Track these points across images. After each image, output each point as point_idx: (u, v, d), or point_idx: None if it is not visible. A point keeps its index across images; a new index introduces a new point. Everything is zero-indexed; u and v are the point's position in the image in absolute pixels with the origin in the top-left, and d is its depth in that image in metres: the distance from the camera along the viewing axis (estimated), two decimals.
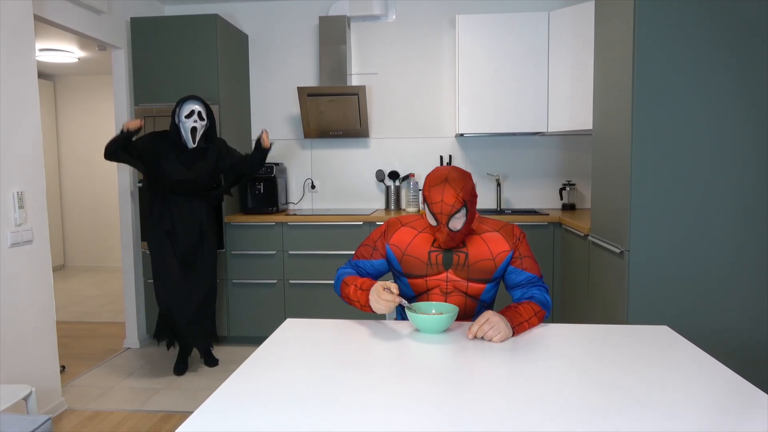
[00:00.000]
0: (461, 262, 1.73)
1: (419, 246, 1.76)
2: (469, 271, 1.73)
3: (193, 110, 3.10)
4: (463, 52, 3.80)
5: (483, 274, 1.74)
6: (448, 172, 1.66)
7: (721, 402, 1.12)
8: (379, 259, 1.83)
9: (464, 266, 1.73)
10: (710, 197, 2.35)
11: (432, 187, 1.65)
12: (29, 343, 2.71)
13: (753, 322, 2.38)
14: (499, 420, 1.04)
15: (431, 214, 1.67)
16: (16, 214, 2.62)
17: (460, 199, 1.61)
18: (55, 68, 6.45)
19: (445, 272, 1.74)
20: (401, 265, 1.78)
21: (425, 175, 4.28)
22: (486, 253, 1.74)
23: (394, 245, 1.79)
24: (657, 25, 2.31)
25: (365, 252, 1.85)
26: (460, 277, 1.74)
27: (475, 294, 1.75)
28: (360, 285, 1.69)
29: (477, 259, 1.73)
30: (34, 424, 1.74)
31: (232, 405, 1.12)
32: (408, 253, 1.76)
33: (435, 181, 1.65)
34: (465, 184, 1.64)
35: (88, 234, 7.05)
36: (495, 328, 1.50)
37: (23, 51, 2.69)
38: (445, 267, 1.74)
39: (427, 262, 1.74)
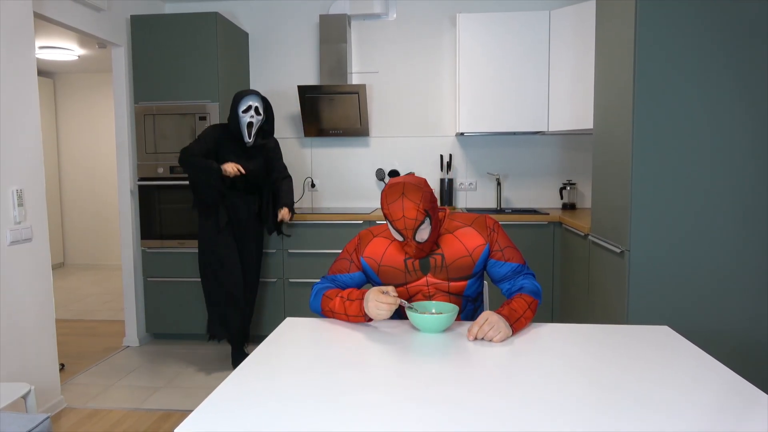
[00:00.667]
0: (438, 264, 1.71)
1: (394, 255, 1.73)
2: (448, 272, 1.71)
3: (251, 105, 3.14)
4: (463, 51, 3.80)
5: (462, 271, 1.72)
6: (403, 186, 1.60)
7: (721, 402, 1.12)
8: (356, 271, 1.80)
9: (442, 267, 1.71)
10: (711, 197, 2.35)
11: (390, 204, 1.59)
12: (28, 341, 2.71)
13: (753, 322, 2.38)
14: (498, 420, 1.04)
15: (395, 231, 1.63)
16: (15, 212, 2.62)
17: (421, 211, 1.58)
18: (55, 66, 6.44)
19: (425, 277, 1.72)
20: (379, 276, 1.76)
21: (426, 174, 4.27)
22: (462, 251, 1.71)
23: (369, 257, 1.76)
24: (658, 24, 2.31)
25: (343, 266, 1.81)
26: (440, 279, 1.72)
27: (458, 292, 1.74)
28: (347, 296, 1.66)
29: (454, 258, 1.71)
30: (33, 423, 1.74)
31: (231, 404, 1.12)
32: (384, 264, 1.74)
33: (392, 197, 1.60)
34: (423, 194, 1.60)
35: (88, 232, 7.04)
36: (495, 328, 1.50)
37: (23, 48, 2.68)
38: (423, 272, 1.72)
39: (405, 269, 1.72)
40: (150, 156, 3.84)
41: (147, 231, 3.88)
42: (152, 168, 3.84)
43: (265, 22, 4.31)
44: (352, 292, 1.66)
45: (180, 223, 3.84)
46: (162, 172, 3.83)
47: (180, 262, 3.87)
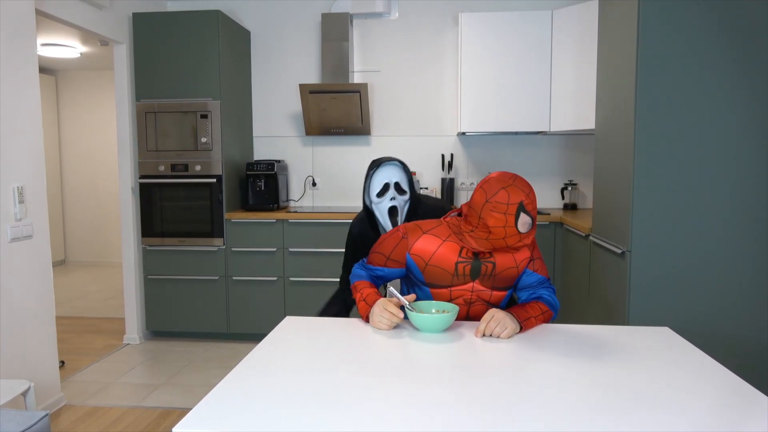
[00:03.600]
0: (488, 272, 1.68)
1: (445, 256, 1.67)
2: (494, 281, 1.69)
3: (388, 183, 2.07)
4: (465, 50, 3.79)
5: (507, 282, 1.71)
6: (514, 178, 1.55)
7: (721, 404, 1.11)
8: (395, 268, 1.74)
9: (491, 276, 1.68)
10: (713, 198, 2.34)
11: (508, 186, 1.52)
12: (28, 338, 2.71)
13: (754, 325, 2.37)
14: (498, 420, 1.04)
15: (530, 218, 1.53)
16: (16, 208, 2.62)
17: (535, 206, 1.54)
18: (57, 63, 6.44)
19: (472, 282, 1.69)
20: (424, 275, 1.71)
21: (426, 173, 4.27)
22: (511, 261, 1.69)
23: (416, 255, 1.69)
24: (660, 24, 2.30)
25: (377, 259, 1.77)
26: (486, 287, 1.70)
27: (497, 301, 1.73)
28: (365, 296, 1.68)
29: (503, 268, 1.68)
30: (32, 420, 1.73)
31: (231, 402, 1.12)
32: (432, 264, 1.68)
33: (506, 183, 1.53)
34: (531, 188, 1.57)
35: (89, 229, 7.05)
36: (501, 324, 1.51)
37: (25, 45, 2.68)
38: (472, 277, 1.68)
39: (454, 273, 1.68)
40: (151, 153, 3.84)
41: (148, 229, 3.88)
42: (153, 165, 3.84)
43: (267, 20, 4.30)
44: (369, 294, 1.68)
45: (181, 220, 3.84)
46: (163, 169, 3.83)
47: (181, 260, 3.87)
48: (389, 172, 2.06)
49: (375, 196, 2.08)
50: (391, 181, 2.07)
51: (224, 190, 3.83)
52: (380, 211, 2.10)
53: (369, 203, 2.11)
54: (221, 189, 3.81)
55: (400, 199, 2.08)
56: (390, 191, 2.07)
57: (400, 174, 2.07)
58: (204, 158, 3.80)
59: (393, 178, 2.07)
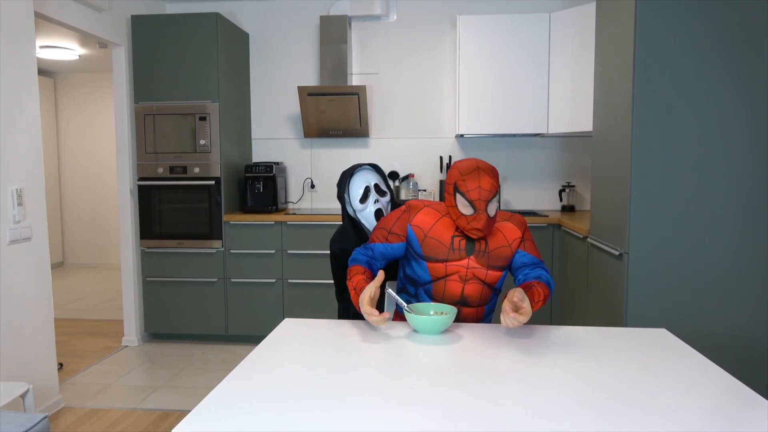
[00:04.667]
0: (482, 249, 1.73)
1: (443, 229, 1.74)
2: (489, 258, 1.74)
3: (368, 187, 2.05)
4: (463, 52, 3.80)
5: (501, 261, 1.75)
6: (477, 162, 1.70)
7: (719, 406, 1.12)
8: (396, 242, 1.78)
9: (485, 253, 1.73)
10: (710, 200, 2.35)
11: (466, 175, 1.67)
12: (27, 341, 2.71)
13: (752, 326, 2.38)
14: (496, 421, 1.04)
15: (468, 203, 1.66)
16: (14, 211, 2.62)
17: (495, 184, 1.66)
18: (56, 65, 6.44)
19: (467, 258, 1.73)
20: (422, 248, 1.75)
21: (424, 175, 4.28)
22: (503, 240, 1.76)
23: (417, 226, 1.76)
24: (658, 27, 2.31)
25: (379, 235, 1.82)
26: (481, 265, 1.74)
27: (492, 282, 1.77)
28: (355, 286, 1.69)
29: (496, 246, 1.74)
30: (31, 422, 1.74)
31: (229, 404, 1.12)
32: (430, 236, 1.74)
33: (467, 170, 1.68)
34: (495, 171, 1.70)
35: (88, 231, 7.04)
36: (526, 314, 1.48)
37: (23, 48, 2.68)
38: (467, 253, 1.73)
39: (450, 246, 1.73)
40: (150, 156, 3.84)
41: (146, 231, 3.88)
42: (152, 168, 3.84)
43: (265, 23, 4.31)
44: (359, 282, 1.69)
45: (179, 223, 3.85)
46: (162, 172, 3.84)
47: (179, 262, 3.88)
48: (365, 176, 2.06)
49: (358, 203, 2.05)
50: (371, 184, 2.06)
51: (223, 192, 3.83)
52: (366, 218, 2.07)
53: (353, 213, 2.08)
54: (220, 191, 3.82)
55: (383, 201, 2.08)
56: (372, 194, 2.06)
57: (376, 176, 2.08)
58: (203, 160, 3.81)
59: (371, 181, 2.07)
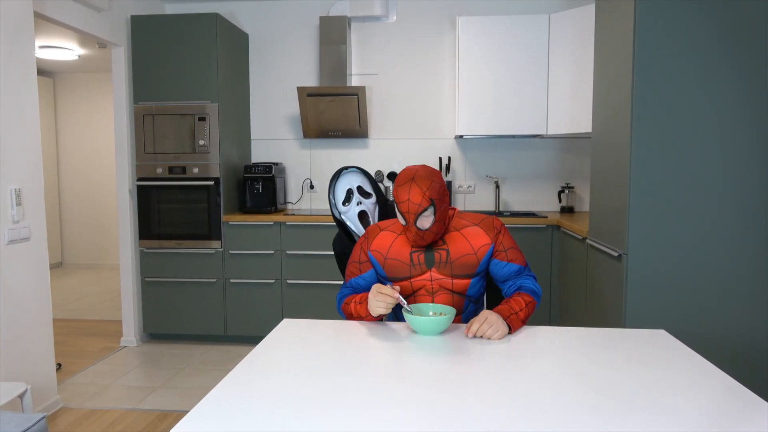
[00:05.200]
0: (443, 259, 1.72)
1: (400, 248, 1.74)
2: (452, 268, 1.72)
3: (350, 189, 2.06)
4: (463, 53, 3.80)
5: (466, 269, 1.72)
6: (415, 171, 1.65)
7: (718, 407, 1.12)
8: (367, 270, 1.82)
9: (447, 263, 1.72)
10: (709, 201, 2.35)
11: (399, 186, 1.64)
12: (25, 341, 2.71)
13: (751, 327, 2.38)
14: (495, 422, 1.04)
15: (400, 214, 1.66)
16: (13, 211, 2.62)
17: (426, 198, 1.61)
18: (55, 65, 6.44)
19: (429, 271, 1.73)
20: (385, 270, 1.77)
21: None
22: (467, 248, 1.72)
23: (376, 251, 1.78)
24: (657, 28, 2.31)
25: (353, 269, 1.84)
26: (444, 275, 1.72)
27: (461, 290, 1.74)
28: (359, 300, 1.71)
29: (459, 255, 1.72)
30: (29, 422, 1.73)
31: (228, 405, 1.12)
32: (390, 257, 1.75)
33: (402, 180, 1.64)
34: (432, 183, 1.63)
35: (86, 232, 7.04)
36: (493, 327, 1.53)
37: (23, 48, 2.68)
38: (428, 266, 1.72)
39: (410, 263, 1.73)
40: (149, 156, 3.84)
41: (145, 231, 3.88)
42: (151, 168, 3.84)
43: (265, 24, 4.31)
44: (363, 296, 1.71)
45: (178, 223, 3.84)
46: (161, 172, 3.83)
47: (178, 263, 3.87)
48: (348, 179, 2.07)
49: (341, 205, 2.06)
50: (353, 186, 2.06)
51: (222, 192, 3.83)
52: (351, 220, 2.08)
53: (339, 216, 2.09)
54: (219, 191, 3.82)
55: (367, 203, 2.07)
56: (354, 196, 2.06)
57: (361, 178, 2.07)
58: (202, 161, 3.81)
59: (354, 183, 2.07)
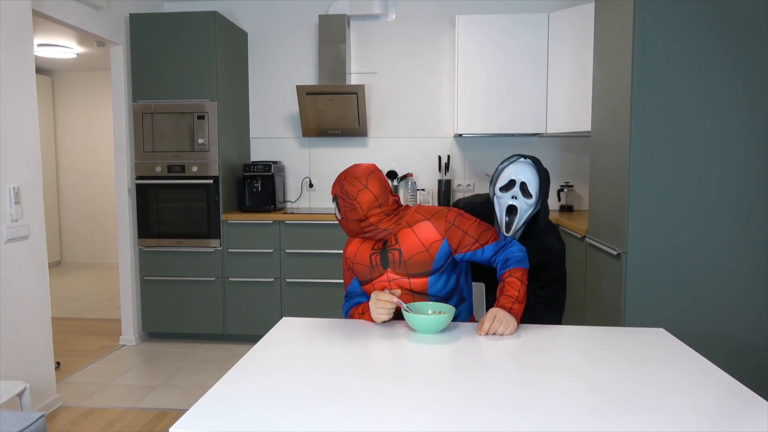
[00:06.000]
0: (396, 259, 1.72)
1: (363, 252, 1.78)
2: (406, 267, 1.71)
3: (513, 180, 1.88)
4: (462, 52, 3.80)
5: (421, 267, 1.70)
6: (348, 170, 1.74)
7: (717, 406, 1.12)
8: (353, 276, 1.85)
9: (400, 263, 1.71)
10: (708, 200, 2.35)
11: None
12: (24, 340, 2.70)
13: (750, 326, 2.38)
14: (494, 421, 1.04)
15: None
16: (12, 209, 2.62)
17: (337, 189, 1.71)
18: (54, 64, 6.43)
19: (386, 272, 1.74)
20: (355, 274, 1.81)
21: (423, 175, 4.28)
22: (418, 246, 1.69)
23: (348, 258, 1.83)
24: (656, 26, 2.31)
25: (346, 277, 1.88)
26: (400, 275, 1.72)
27: (420, 289, 1.72)
28: (361, 311, 1.75)
29: (411, 254, 1.70)
30: (28, 421, 1.73)
31: (227, 404, 1.12)
32: (356, 261, 1.79)
33: None
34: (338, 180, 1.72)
35: (85, 230, 7.03)
36: (504, 323, 1.57)
37: (21, 46, 2.68)
38: (383, 266, 1.73)
39: (370, 265, 1.76)
40: (148, 155, 3.84)
41: (144, 230, 3.87)
42: (150, 167, 3.84)
43: (264, 22, 4.31)
44: (364, 306, 1.75)
45: (177, 222, 3.84)
46: (160, 170, 3.83)
47: (177, 261, 3.87)
48: (519, 169, 1.87)
49: (498, 189, 1.90)
50: (518, 179, 1.87)
51: (221, 191, 3.83)
52: (500, 206, 1.91)
53: (492, 194, 1.94)
54: (218, 190, 3.81)
55: (523, 202, 1.87)
56: (514, 189, 1.87)
57: (532, 176, 1.87)
58: (201, 159, 3.80)
59: (520, 177, 1.87)
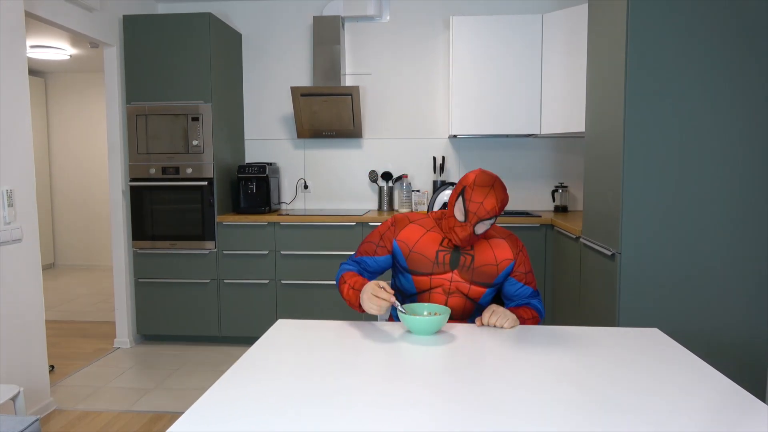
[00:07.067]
0: (467, 264, 1.75)
1: (427, 244, 1.77)
2: (473, 274, 1.75)
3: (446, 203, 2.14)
4: (456, 53, 3.81)
5: (486, 278, 1.76)
6: (495, 179, 1.68)
7: (711, 406, 1.12)
8: (384, 255, 1.82)
9: (469, 268, 1.75)
10: (702, 200, 2.37)
11: (478, 186, 1.66)
12: (18, 343, 2.69)
13: (744, 325, 2.39)
14: (489, 421, 1.04)
15: (464, 211, 1.68)
16: (5, 212, 2.60)
17: (497, 209, 1.66)
18: (47, 65, 6.40)
19: (451, 272, 1.76)
20: (407, 262, 1.79)
21: (418, 176, 4.28)
22: (491, 258, 1.77)
23: (402, 241, 1.79)
24: (650, 27, 2.32)
25: (368, 248, 1.85)
26: (464, 279, 1.76)
27: (475, 297, 1.78)
28: (353, 284, 1.69)
29: (482, 263, 1.76)
30: (22, 425, 1.72)
31: (223, 406, 1.12)
32: (415, 250, 1.77)
33: (482, 183, 1.67)
34: (505, 197, 1.68)
35: (79, 232, 7.00)
36: (503, 317, 1.61)
37: (14, 48, 2.66)
38: (451, 267, 1.75)
39: (435, 260, 1.76)
40: (142, 156, 3.82)
41: (138, 232, 3.86)
42: (144, 169, 3.83)
43: (258, 23, 4.30)
44: (357, 281, 1.69)
45: (172, 224, 3.83)
46: (154, 172, 3.82)
47: (172, 263, 3.86)
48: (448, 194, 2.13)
49: None
50: None
51: (215, 193, 3.82)
52: None
53: None
54: (212, 192, 3.80)
55: None
56: None
57: None
58: (195, 161, 3.79)
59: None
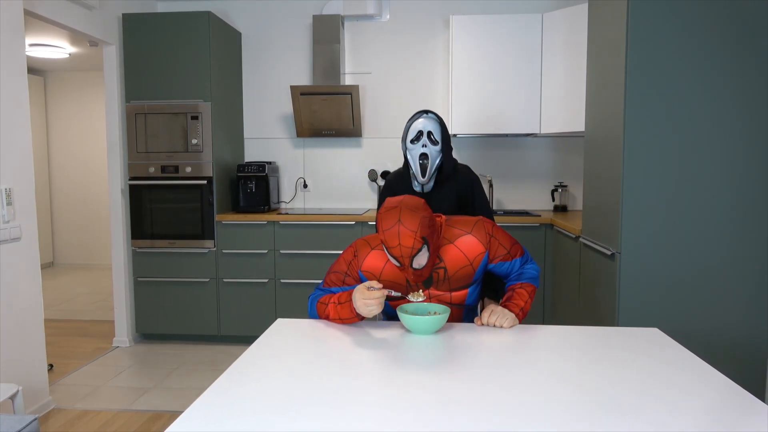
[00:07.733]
0: (441, 277, 1.68)
1: (394, 270, 1.69)
2: (450, 283, 1.69)
3: (421, 132, 2.21)
4: (456, 52, 3.81)
5: (463, 281, 1.70)
6: (399, 211, 1.52)
7: (711, 406, 1.12)
8: (353, 285, 1.74)
9: (444, 280, 1.68)
10: (702, 199, 2.37)
11: (386, 231, 1.52)
12: (17, 342, 2.69)
13: (744, 325, 2.39)
14: (489, 421, 1.04)
15: (392, 257, 1.57)
16: (3, 210, 2.60)
17: (418, 239, 1.50)
18: (46, 64, 6.39)
19: (427, 290, 1.70)
20: None
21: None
22: (463, 260, 1.68)
23: (368, 272, 1.71)
24: (650, 27, 2.32)
25: (335, 279, 1.76)
26: (443, 291, 1.70)
27: (460, 301, 1.73)
28: (338, 299, 1.63)
29: (456, 269, 1.68)
30: (21, 424, 1.72)
31: (222, 405, 1.12)
32: (384, 278, 1.70)
33: (388, 223, 1.52)
34: (420, 220, 1.51)
35: (78, 231, 6.99)
36: (502, 316, 1.61)
37: (13, 46, 2.66)
38: (426, 286, 1.70)
39: (407, 284, 1.70)
40: (141, 155, 3.82)
41: (137, 231, 3.86)
42: (143, 167, 3.82)
43: (258, 22, 4.30)
44: (341, 295, 1.64)
45: (171, 223, 3.82)
46: (153, 171, 3.81)
47: (171, 262, 3.85)
48: (424, 122, 2.23)
49: (409, 142, 2.23)
50: (425, 130, 2.22)
51: (215, 192, 3.81)
52: (412, 157, 2.24)
53: (404, 149, 2.27)
54: (212, 191, 3.80)
55: (432, 149, 2.22)
56: (422, 139, 2.22)
57: (434, 125, 2.22)
58: (194, 160, 3.79)
59: (427, 128, 2.22)
